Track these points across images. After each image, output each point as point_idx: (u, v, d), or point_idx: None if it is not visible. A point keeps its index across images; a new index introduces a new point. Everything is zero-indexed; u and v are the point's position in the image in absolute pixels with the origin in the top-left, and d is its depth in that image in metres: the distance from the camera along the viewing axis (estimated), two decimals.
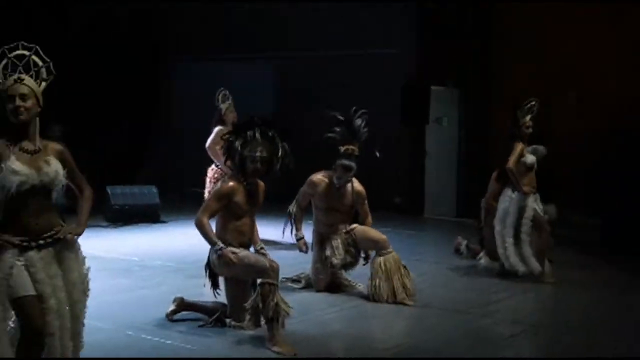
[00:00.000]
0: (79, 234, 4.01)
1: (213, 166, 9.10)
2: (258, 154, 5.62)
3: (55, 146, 4.03)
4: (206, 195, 9.05)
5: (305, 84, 13.41)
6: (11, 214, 3.84)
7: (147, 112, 14.86)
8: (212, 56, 14.41)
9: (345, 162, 6.81)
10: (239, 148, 5.64)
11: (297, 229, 7.11)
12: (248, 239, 5.78)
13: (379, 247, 6.84)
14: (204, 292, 6.04)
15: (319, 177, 6.99)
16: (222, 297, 5.85)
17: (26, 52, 3.95)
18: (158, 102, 15.15)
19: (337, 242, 6.92)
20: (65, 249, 3.97)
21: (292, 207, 7.12)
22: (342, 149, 6.88)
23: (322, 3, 13.08)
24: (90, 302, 4.12)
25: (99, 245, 8.73)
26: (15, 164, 3.81)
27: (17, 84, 3.87)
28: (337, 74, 13.12)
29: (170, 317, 5.90)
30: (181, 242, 9.39)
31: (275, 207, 7.53)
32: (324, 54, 13.33)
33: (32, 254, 3.84)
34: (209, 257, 5.78)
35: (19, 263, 3.80)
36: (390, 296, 6.64)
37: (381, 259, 6.76)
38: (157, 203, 11.32)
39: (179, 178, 14.05)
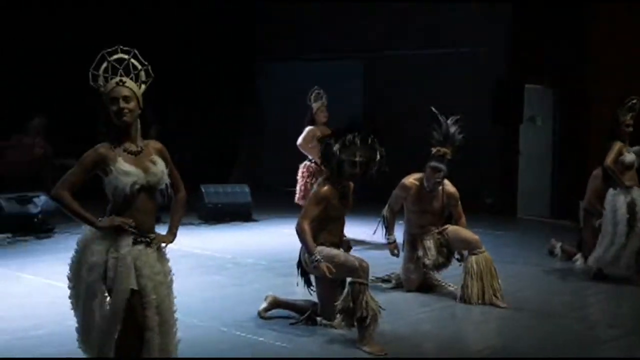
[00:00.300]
0: (171, 242, 4.10)
1: (306, 162, 9.18)
2: (357, 158, 5.64)
3: (156, 145, 4.12)
4: (297, 193, 9.16)
5: (394, 83, 13.37)
6: (121, 214, 3.93)
7: (240, 112, 15.08)
8: (302, 55, 14.53)
9: (435, 163, 6.76)
10: (338, 152, 5.66)
11: (389, 233, 7.10)
12: (339, 240, 5.82)
13: (472, 247, 6.76)
14: (295, 291, 6.11)
15: (410, 180, 6.96)
16: (314, 296, 5.90)
17: (125, 56, 4.05)
18: (251, 102, 15.35)
19: (430, 243, 6.88)
20: (162, 251, 4.09)
21: (385, 211, 7.11)
22: (434, 150, 6.84)
23: (411, 2, 13.02)
24: (185, 299, 4.24)
25: (193, 243, 8.92)
26: (124, 165, 3.90)
27: (119, 86, 3.96)
28: (426, 73, 13.04)
29: (263, 315, 5.98)
30: (273, 241, 9.51)
31: (365, 206, 7.53)
32: (413, 53, 13.26)
33: (141, 248, 3.94)
34: (300, 255, 5.84)
35: (129, 255, 3.89)
36: (480, 296, 6.58)
37: (473, 258, 6.68)
38: (249, 202, 11.49)
39: (270, 177, 14.23)
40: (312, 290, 5.88)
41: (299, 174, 9.22)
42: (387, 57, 13.62)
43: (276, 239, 9.57)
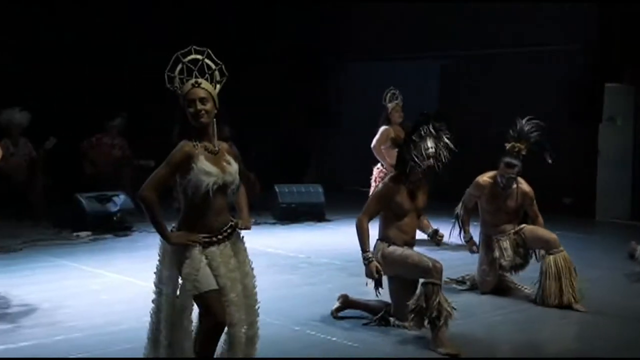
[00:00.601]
0: (249, 226, 4.20)
1: (379, 165, 9.15)
2: (431, 150, 5.57)
3: (224, 145, 4.18)
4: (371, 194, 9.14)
5: (471, 83, 13.23)
6: (196, 212, 4.01)
7: (315, 111, 15.13)
8: (379, 55, 14.49)
9: (508, 159, 6.65)
10: (411, 149, 5.60)
11: (465, 231, 7.01)
12: (411, 238, 5.77)
13: (549, 246, 6.62)
14: (368, 291, 6.08)
15: (484, 178, 6.87)
16: (386, 296, 5.88)
17: (199, 56, 4.09)
18: (326, 102, 15.39)
19: (506, 243, 6.78)
20: (237, 242, 4.15)
21: (459, 209, 7.03)
22: (508, 146, 6.72)
23: (486, 2, 12.85)
24: (260, 297, 4.26)
25: (267, 242, 9.00)
26: (205, 164, 3.96)
27: (194, 88, 4.01)
28: (504, 72, 12.85)
29: (335, 315, 5.98)
30: (346, 241, 9.47)
31: (440, 207, 7.46)
32: (489, 52, 13.08)
33: (214, 249, 4.01)
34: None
35: (204, 260, 3.97)
36: (557, 298, 6.42)
37: (551, 257, 6.55)
38: (322, 202, 11.52)
39: (345, 177, 14.24)
40: (378, 293, 5.83)
41: (373, 177, 9.19)
42: (464, 57, 13.48)
43: (349, 239, 9.45)
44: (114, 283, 7.20)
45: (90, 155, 11.29)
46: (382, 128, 9.05)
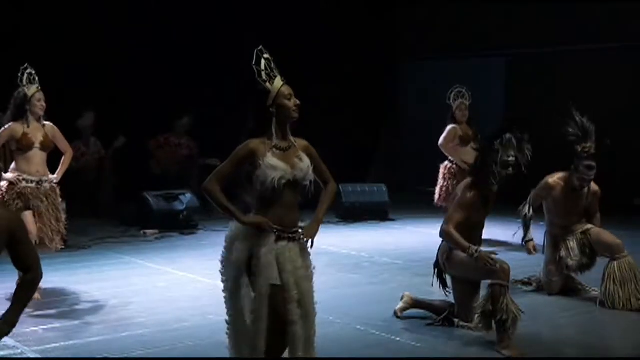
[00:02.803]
0: (314, 234, 4.13)
1: (447, 162, 9.07)
2: (511, 159, 5.50)
3: (302, 142, 4.20)
4: (437, 194, 9.06)
5: (539, 81, 13.01)
6: (267, 207, 4.03)
7: (379, 111, 15.09)
8: (443, 53, 14.38)
9: (589, 162, 6.50)
10: (494, 155, 5.52)
11: (527, 232, 6.89)
12: (479, 240, 5.71)
13: (613, 252, 6.51)
14: (432, 291, 6.05)
15: (555, 179, 6.74)
16: (450, 297, 5.83)
17: (268, 55, 4.13)
18: (390, 101, 15.34)
19: (573, 243, 6.67)
20: (304, 244, 4.15)
21: (526, 210, 6.90)
22: (579, 148, 6.59)
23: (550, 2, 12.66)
24: (322, 295, 4.27)
25: (330, 241, 9.01)
26: (272, 160, 3.99)
27: (285, 84, 4.10)
28: (572, 70, 12.61)
29: (399, 314, 5.96)
30: (409, 241, 9.47)
31: (504, 208, 7.35)
32: (557, 50, 12.86)
33: (284, 244, 4.03)
34: (437, 255, 5.77)
35: (272, 252, 3.99)
36: (625, 303, 6.30)
37: (615, 263, 6.44)
38: (386, 201, 11.49)
39: (409, 176, 14.16)
40: (447, 291, 5.81)
41: (440, 174, 9.11)
42: (531, 55, 13.27)
43: (413, 239, 9.52)
44: (180, 280, 7.31)
45: (157, 155, 11.48)
46: (449, 127, 8.99)
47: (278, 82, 4.08)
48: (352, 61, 14.08)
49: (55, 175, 6.64)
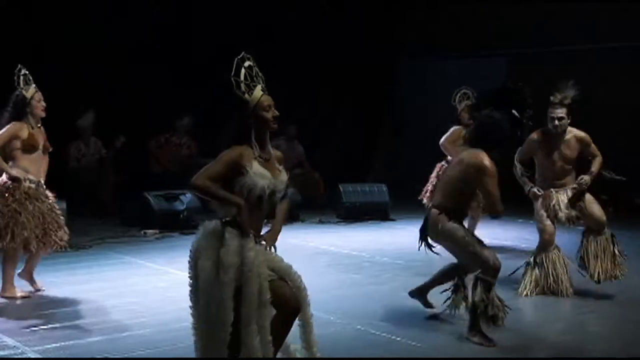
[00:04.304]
0: (274, 243, 4.13)
1: (443, 162, 9.04)
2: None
3: (277, 153, 4.24)
4: (424, 189, 9.04)
5: (537, 80, 12.96)
6: (250, 215, 4.00)
7: (379, 111, 15.10)
8: (442, 53, 14.38)
9: (552, 113, 6.74)
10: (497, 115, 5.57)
11: (526, 183, 6.85)
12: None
13: (600, 227, 6.74)
14: (436, 289, 6.05)
15: (537, 132, 6.84)
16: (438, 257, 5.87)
17: (251, 63, 4.12)
18: (390, 101, 15.34)
19: (564, 196, 6.79)
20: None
21: (517, 168, 6.92)
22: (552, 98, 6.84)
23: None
24: (322, 295, 4.30)
25: (331, 241, 9.02)
26: (259, 168, 4.01)
27: (265, 94, 4.11)
28: (575, 69, 12.60)
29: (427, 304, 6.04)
30: (410, 240, 9.32)
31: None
32: (554, 50, 12.87)
33: (260, 248, 4.05)
34: (426, 218, 5.78)
35: (259, 252, 4.00)
36: (600, 274, 6.65)
37: (599, 238, 6.73)
38: (386, 201, 11.49)
39: (409, 176, 14.15)
40: (435, 252, 5.86)
41: (434, 173, 9.09)
42: (532, 55, 13.28)
43: (413, 239, 9.38)
44: (180, 280, 7.24)
45: (157, 154, 11.50)
46: (453, 128, 8.86)
47: (257, 92, 4.08)
48: (352, 61, 14.08)
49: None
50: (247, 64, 4.10)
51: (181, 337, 5.41)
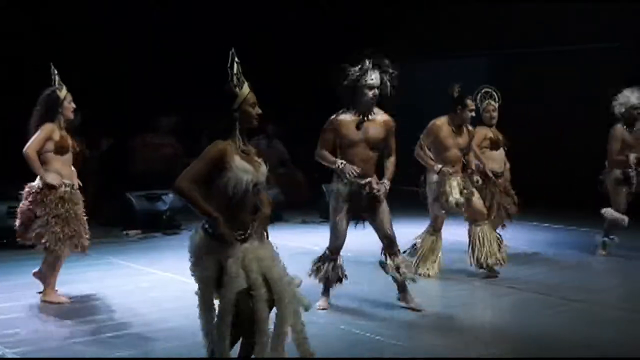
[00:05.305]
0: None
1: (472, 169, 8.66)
2: (374, 81, 6.79)
3: (254, 148, 4.29)
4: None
5: (519, 81, 13.08)
6: (234, 211, 4.05)
7: None
8: (426, 55, 14.41)
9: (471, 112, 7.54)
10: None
11: (431, 164, 7.51)
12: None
13: (477, 219, 7.43)
14: (419, 289, 6.05)
15: (439, 120, 7.63)
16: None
17: (237, 60, 4.17)
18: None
19: (455, 183, 7.35)
20: (263, 240, 4.19)
21: (417, 151, 7.66)
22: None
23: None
24: (306, 295, 4.27)
25: (314, 240, 9.00)
26: (241, 162, 4.03)
27: (251, 91, 4.16)
28: (556, 70, 12.70)
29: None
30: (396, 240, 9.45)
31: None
32: (537, 50, 12.95)
33: (247, 245, 4.07)
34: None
35: (238, 261, 4.02)
36: (482, 262, 7.33)
37: (478, 228, 7.42)
38: None
39: (395, 177, 14.17)
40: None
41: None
42: (514, 55, 13.34)
43: (400, 239, 9.49)
44: (163, 281, 7.29)
45: (139, 154, 11.45)
46: (479, 128, 8.36)
47: (246, 88, 4.15)
48: (337, 60, 14.07)
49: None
50: (237, 60, 4.16)
51: (164, 337, 5.42)
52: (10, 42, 10.87)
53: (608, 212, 8.48)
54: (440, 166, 7.37)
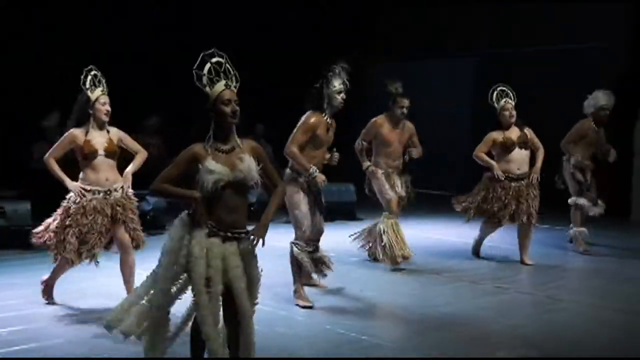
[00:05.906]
0: (261, 236, 4.17)
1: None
2: (340, 87, 7.24)
3: (251, 143, 4.27)
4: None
5: (504, 81, 13.11)
6: (209, 207, 4.09)
7: (348, 110, 15.09)
8: (411, 55, 14.43)
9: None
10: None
11: (364, 161, 8.35)
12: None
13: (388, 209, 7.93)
14: (407, 291, 6.06)
15: (380, 117, 8.43)
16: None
17: (222, 60, 4.20)
18: (359, 102, 15.34)
19: (395, 177, 8.12)
20: (247, 246, 4.16)
21: (358, 145, 8.60)
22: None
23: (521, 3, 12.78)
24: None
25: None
26: (210, 163, 4.07)
27: (228, 89, 4.16)
28: (540, 70, 12.75)
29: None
30: None
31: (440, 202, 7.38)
32: (521, 51, 13.00)
33: (214, 240, 4.09)
34: None
35: (202, 246, 4.06)
36: (391, 256, 7.64)
37: (387, 220, 7.93)
38: (354, 201, 11.50)
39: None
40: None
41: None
42: (499, 55, 13.38)
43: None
44: None
45: (124, 154, 11.38)
46: (493, 133, 8.21)
47: (219, 86, 4.16)
48: (324, 61, 14.08)
49: (122, 182, 6.48)
50: (215, 59, 4.18)
51: None
52: (10, 42, 10.81)
53: (572, 200, 8.80)
54: (368, 164, 8.27)
